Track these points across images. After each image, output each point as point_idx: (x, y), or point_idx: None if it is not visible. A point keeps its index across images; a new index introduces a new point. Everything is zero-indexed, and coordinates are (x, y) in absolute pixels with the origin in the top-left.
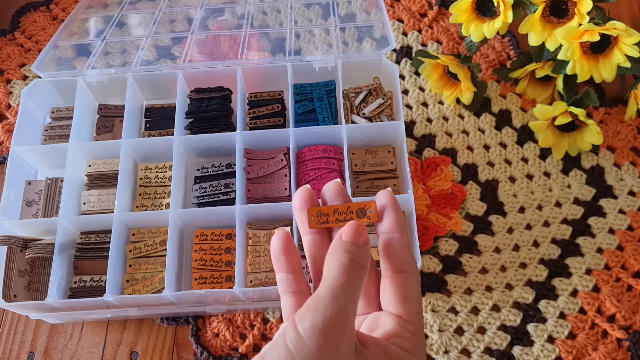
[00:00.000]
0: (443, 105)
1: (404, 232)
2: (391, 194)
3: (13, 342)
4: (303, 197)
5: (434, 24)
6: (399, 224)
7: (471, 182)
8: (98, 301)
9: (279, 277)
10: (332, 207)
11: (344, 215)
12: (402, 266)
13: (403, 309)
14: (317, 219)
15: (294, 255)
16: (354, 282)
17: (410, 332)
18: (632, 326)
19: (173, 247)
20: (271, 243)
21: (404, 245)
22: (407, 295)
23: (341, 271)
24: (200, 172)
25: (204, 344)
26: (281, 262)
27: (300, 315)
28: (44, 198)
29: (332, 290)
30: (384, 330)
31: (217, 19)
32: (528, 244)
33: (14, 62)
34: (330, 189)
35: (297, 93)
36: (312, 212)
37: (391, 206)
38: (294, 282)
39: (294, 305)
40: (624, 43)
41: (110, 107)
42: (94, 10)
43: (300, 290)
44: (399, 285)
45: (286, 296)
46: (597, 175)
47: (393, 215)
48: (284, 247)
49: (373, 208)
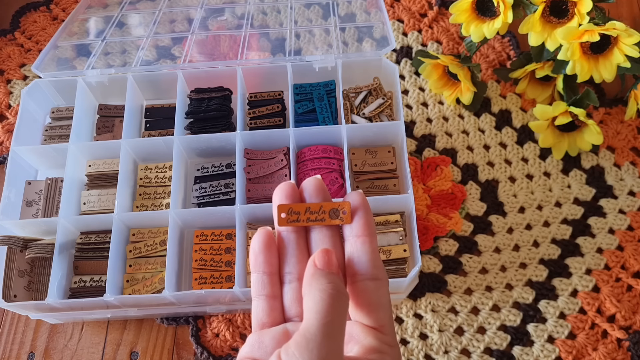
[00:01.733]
0: (443, 105)
1: (374, 237)
2: (362, 195)
3: (13, 342)
4: (285, 191)
5: (434, 24)
6: (369, 227)
7: (471, 182)
8: (98, 301)
9: (254, 278)
10: (304, 205)
11: (315, 214)
12: (373, 273)
13: (377, 319)
14: (288, 217)
15: (273, 256)
16: (341, 315)
17: (388, 345)
18: (632, 326)
19: (173, 247)
20: (251, 241)
21: (374, 250)
22: (379, 304)
23: (329, 304)
24: (200, 172)
25: (204, 344)
26: (259, 262)
27: (288, 354)
28: (44, 198)
29: (323, 327)
30: (363, 346)
31: (217, 19)
32: (528, 244)
33: (14, 62)
34: (311, 185)
35: (297, 93)
36: (282, 208)
37: (362, 208)
38: (269, 284)
39: (266, 309)
40: (623, 43)
41: (110, 107)
42: (94, 11)
43: (274, 294)
44: (371, 294)
45: (259, 299)
46: (597, 175)
47: (364, 218)
48: (265, 246)
49: (347, 209)
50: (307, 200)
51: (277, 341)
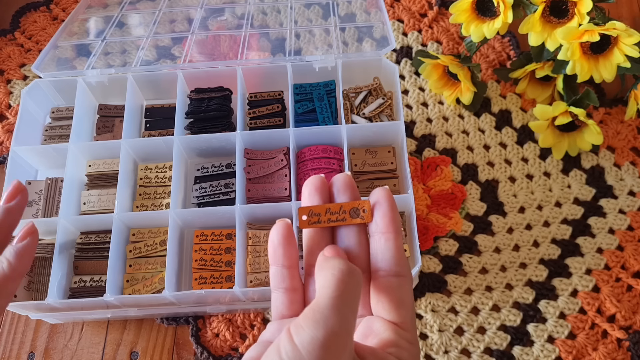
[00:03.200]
0: (443, 105)
1: (400, 234)
2: (388, 191)
3: (13, 342)
4: (314, 184)
5: (434, 24)
6: (395, 224)
7: (471, 182)
8: (98, 301)
9: (273, 271)
10: (324, 207)
11: (336, 215)
12: (397, 270)
13: (398, 315)
14: (309, 219)
15: (292, 248)
16: (352, 291)
17: (407, 341)
18: (632, 326)
19: (173, 247)
20: (270, 234)
21: (399, 247)
22: (402, 301)
23: (339, 279)
24: (200, 172)
25: (204, 344)
26: (278, 254)
27: (297, 327)
28: (44, 198)
29: (332, 300)
30: (381, 339)
31: (217, 19)
32: (528, 244)
33: (14, 62)
34: (341, 181)
35: (297, 93)
36: (303, 211)
37: (388, 205)
38: (289, 277)
39: (286, 302)
40: (624, 43)
41: (110, 107)
42: (94, 11)
43: (294, 287)
44: (394, 290)
45: (278, 292)
46: (597, 175)
47: (390, 215)
48: (284, 238)
49: (367, 208)
50: (335, 194)
51: None
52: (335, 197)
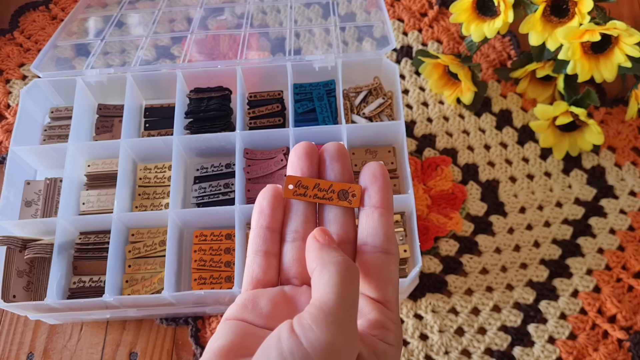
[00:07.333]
0: (443, 105)
1: (391, 213)
2: (383, 166)
3: (12, 342)
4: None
5: (434, 24)
6: (389, 200)
7: (472, 182)
8: (97, 302)
9: (254, 233)
10: (314, 181)
11: (324, 192)
12: (387, 246)
13: (385, 293)
14: (295, 189)
15: (279, 213)
16: (356, 290)
17: (392, 321)
18: (633, 327)
19: (172, 247)
20: (258, 197)
21: (391, 224)
22: (390, 279)
23: (346, 277)
24: (199, 172)
25: (204, 345)
26: (264, 215)
27: (303, 327)
28: (43, 198)
29: (344, 302)
30: (367, 319)
31: (216, 19)
32: (529, 245)
33: (13, 61)
34: (333, 149)
35: (297, 93)
36: (291, 180)
37: (383, 180)
38: (270, 240)
39: (263, 266)
40: (624, 43)
41: (109, 107)
42: (93, 10)
43: (273, 252)
44: (382, 267)
45: (257, 255)
46: (598, 175)
47: (384, 190)
48: (273, 201)
49: (357, 193)
50: (327, 163)
51: (275, 304)
52: (326, 165)
